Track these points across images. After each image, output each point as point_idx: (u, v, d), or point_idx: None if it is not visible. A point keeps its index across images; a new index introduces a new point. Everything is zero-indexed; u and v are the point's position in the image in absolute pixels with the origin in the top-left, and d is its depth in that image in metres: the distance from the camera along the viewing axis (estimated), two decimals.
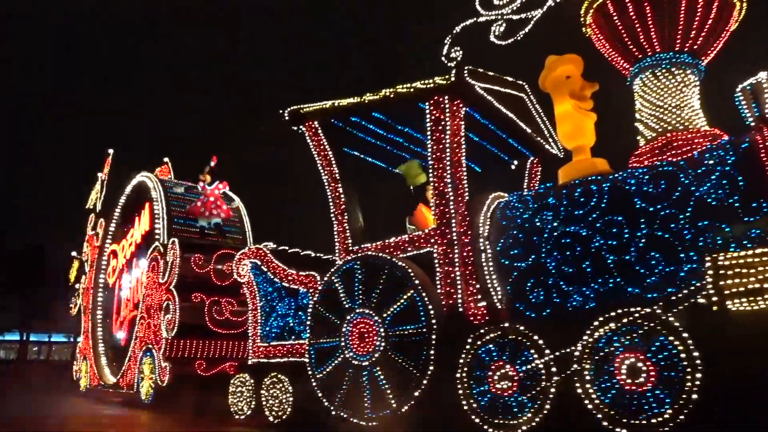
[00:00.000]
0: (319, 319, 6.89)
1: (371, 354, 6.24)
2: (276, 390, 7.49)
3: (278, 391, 7.46)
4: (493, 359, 5.49)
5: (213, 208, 11.95)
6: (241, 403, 8.04)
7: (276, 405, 7.44)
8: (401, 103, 7.14)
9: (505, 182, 9.09)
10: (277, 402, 7.44)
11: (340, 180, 7.74)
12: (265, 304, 8.58)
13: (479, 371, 5.53)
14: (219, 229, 12.39)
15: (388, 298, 6.27)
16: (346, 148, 8.38)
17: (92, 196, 17.85)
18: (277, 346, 8.15)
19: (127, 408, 11.89)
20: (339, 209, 7.65)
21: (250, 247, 9.07)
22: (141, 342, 11.85)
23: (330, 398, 6.55)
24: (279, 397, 7.43)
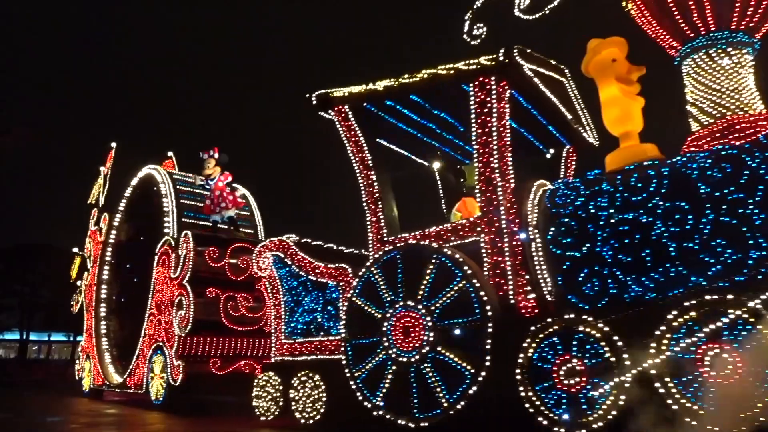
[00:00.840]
0: (357, 313, 6.45)
1: (418, 349, 5.81)
2: (307, 389, 7.03)
3: (309, 390, 7.00)
4: (558, 353, 5.12)
5: (221, 201, 11.46)
6: (266, 403, 7.58)
7: (307, 406, 6.97)
8: (443, 85, 6.75)
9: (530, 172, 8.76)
10: (308, 402, 6.98)
11: (373, 167, 7.32)
12: (290, 300, 8.14)
13: (542, 366, 5.16)
14: (232, 221, 11.88)
15: (437, 290, 5.85)
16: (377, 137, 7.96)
17: (94, 190, 17.29)
18: (304, 342, 7.71)
19: (136, 408, 11.41)
20: (372, 198, 7.23)
21: (271, 239, 8.60)
22: (151, 339, 11.34)
23: (371, 398, 6.11)
24: (310, 397, 6.97)
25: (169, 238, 11.43)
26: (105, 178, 16.75)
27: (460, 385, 5.50)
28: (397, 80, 7.04)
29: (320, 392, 6.86)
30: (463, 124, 7.88)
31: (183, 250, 10.56)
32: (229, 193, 11.60)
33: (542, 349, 5.21)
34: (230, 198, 11.53)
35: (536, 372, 5.18)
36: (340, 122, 7.56)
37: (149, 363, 11.22)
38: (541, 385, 5.14)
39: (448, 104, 7.31)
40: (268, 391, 7.59)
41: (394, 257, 6.23)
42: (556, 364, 5.12)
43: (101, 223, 15.72)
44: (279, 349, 8.03)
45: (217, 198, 11.38)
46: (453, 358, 5.60)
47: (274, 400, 7.47)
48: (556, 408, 5.03)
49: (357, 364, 6.30)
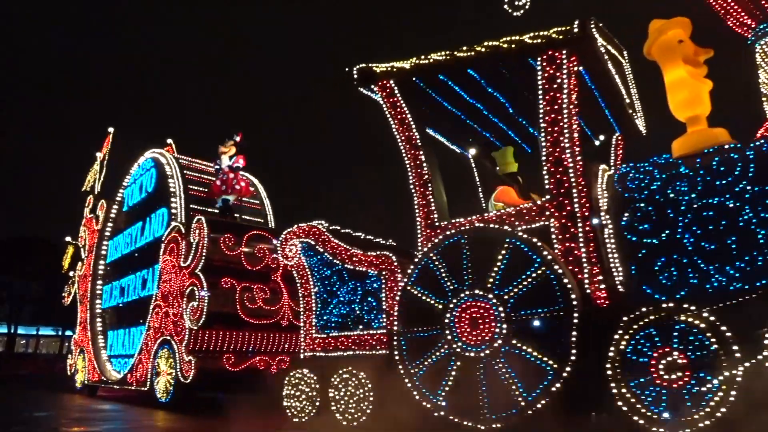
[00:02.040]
0: (413, 304, 5.82)
1: (489, 343, 5.21)
2: (350, 388, 6.36)
3: (353, 389, 6.33)
4: (656, 345, 4.59)
5: (234, 184, 10.76)
6: (300, 403, 6.89)
7: (351, 406, 6.31)
8: (507, 58, 6.19)
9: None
10: (352, 402, 6.31)
11: (422, 146, 6.73)
12: (322, 291, 7.48)
13: (637, 359, 4.62)
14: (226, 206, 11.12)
15: (510, 277, 5.25)
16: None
17: (89, 177, 16.43)
18: (339, 337, 7.06)
19: (137, 406, 10.64)
20: (420, 180, 6.62)
21: (299, 224, 7.93)
22: (156, 333, 10.57)
23: (431, 398, 5.49)
24: (354, 396, 6.31)
25: (177, 224, 10.68)
26: (102, 163, 15.92)
27: (540, 381, 4.91)
28: (454, 53, 6.47)
29: (366, 391, 6.20)
30: (514, 104, 7.36)
31: (195, 236, 9.82)
32: (241, 178, 10.90)
33: (637, 341, 4.68)
34: (242, 183, 10.83)
35: (630, 366, 4.65)
36: (384, 98, 6.96)
37: (154, 358, 10.45)
38: (636, 381, 4.61)
39: (504, 81, 6.77)
40: (302, 389, 6.90)
41: (458, 242, 5.62)
42: (653, 358, 4.59)
43: (98, 211, 14.88)
44: (310, 344, 7.37)
45: (231, 180, 10.67)
46: (531, 352, 5.01)
47: (310, 400, 6.78)
48: (654, 406, 4.51)
49: (413, 360, 5.66)
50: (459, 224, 6.13)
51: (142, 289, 12.26)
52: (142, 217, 12.91)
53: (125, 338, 12.66)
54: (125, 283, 13.14)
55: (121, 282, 13.35)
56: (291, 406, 6.96)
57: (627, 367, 4.66)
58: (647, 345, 4.65)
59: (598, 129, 7.95)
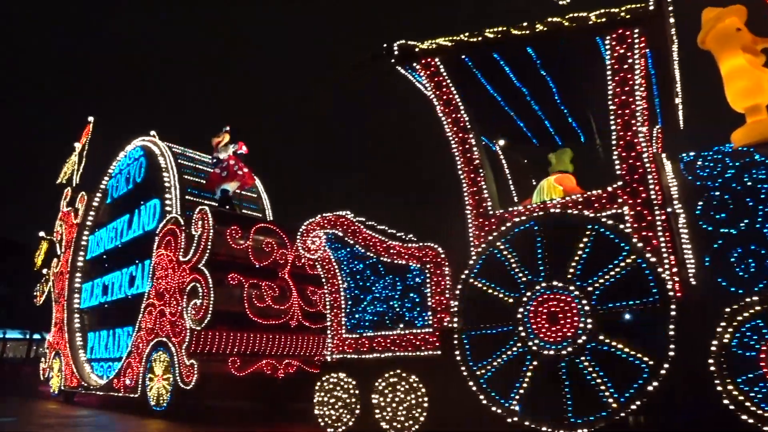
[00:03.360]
0: (476, 298, 5.23)
1: (571, 340, 4.65)
2: (399, 393, 5.70)
3: (403, 394, 5.67)
4: (765, 338, 4.16)
5: (237, 170, 9.98)
6: (336, 411, 6.19)
7: (400, 413, 5.64)
8: (572, 36, 5.71)
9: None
10: (401, 409, 5.65)
11: (471, 129, 6.18)
12: (353, 286, 6.82)
13: (743, 354, 4.18)
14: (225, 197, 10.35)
15: (594, 267, 4.73)
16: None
17: (66, 168, 15.34)
18: (376, 337, 6.40)
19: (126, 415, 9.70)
20: (471, 166, 6.06)
21: (324, 215, 7.26)
22: (149, 334, 9.67)
23: (502, 401, 4.90)
24: (404, 402, 5.64)
25: (175, 215, 9.84)
26: (81, 154, 14.86)
27: (633, 380, 4.39)
28: (510, 29, 5.96)
29: (419, 396, 5.55)
30: (562, 90, 6.88)
31: (198, 228, 8.99)
32: (243, 165, 10.13)
33: (743, 334, 4.23)
34: (245, 170, 10.06)
35: (736, 361, 4.20)
36: (428, 78, 6.38)
37: (147, 362, 9.55)
38: (743, 377, 4.15)
39: (559, 63, 6.29)
40: (338, 396, 6.20)
41: (530, 229, 5.06)
42: (762, 351, 4.15)
43: (78, 204, 13.81)
44: (339, 345, 6.68)
45: (232, 167, 9.88)
46: (622, 348, 4.48)
47: (348, 407, 6.09)
48: (766, 403, 4.05)
49: (479, 361, 5.06)
50: (512, 214, 5.58)
51: (129, 287, 11.31)
52: (129, 210, 11.97)
53: (109, 340, 11.66)
54: (109, 281, 12.14)
55: (104, 279, 12.34)
56: (324, 414, 6.26)
57: (732, 362, 4.21)
58: (754, 338, 4.22)
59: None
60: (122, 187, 12.64)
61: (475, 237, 5.79)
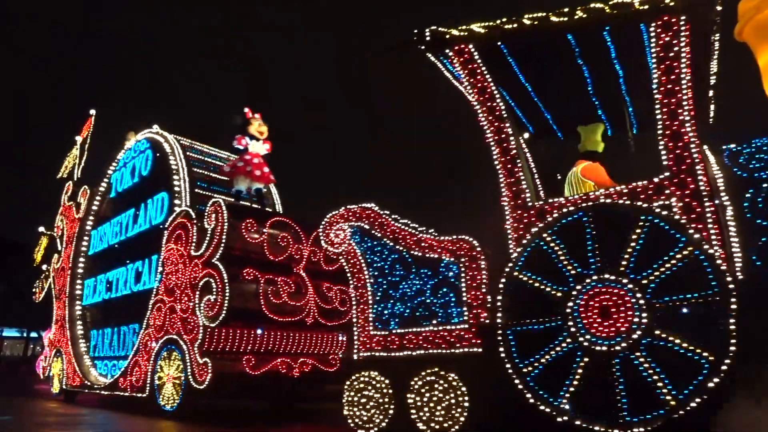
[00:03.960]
0: (521, 292, 5.02)
1: (625, 335, 4.45)
2: (437, 393, 5.47)
3: (441, 394, 5.44)
4: None
5: (264, 168, 9.67)
6: (368, 412, 5.94)
7: (438, 414, 5.41)
8: (613, 23, 5.52)
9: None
10: (439, 409, 5.41)
11: (508, 119, 5.97)
12: (381, 281, 6.59)
13: None
14: (259, 196, 10.13)
15: (649, 259, 4.53)
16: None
17: (67, 162, 14.98)
18: (407, 334, 6.16)
19: (132, 416, 9.40)
20: (507, 156, 5.84)
21: (348, 206, 7.02)
22: (158, 331, 9.37)
23: (551, 400, 4.69)
24: (442, 402, 5.41)
25: (186, 209, 9.55)
26: (82, 148, 14.51)
27: (693, 377, 4.20)
28: (549, 16, 5.75)
29: (459, 396, 5.33)
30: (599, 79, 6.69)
31: (212, 221, 8.72)
32: (265, 164, 9.84)
33: None
34: (265, 170, 9.77)
35: None
36: (462, 65, 6.16)
37: (156, 360, 9.25)
38: None
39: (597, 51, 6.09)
40: (369, 395, 5.96)
41: (579, 220, 4.85)
42: None
43: (79, 198, 13.47)
44: (367, 342, 6.45)
45: (256, 165, 9.59)
46: (680, 343, 4.28)
47: (381, 408, 5.85)
48: None
49: (525, 358, 4.85)
50: (553, 205, 5.38)
51: (135, 283, 11.01)
52: (134, 204, 11.67)
53: (114, 338, 11.35)
54: (114, 277, 11.82)
55: (108, 275, 12.02)
56: (354, 415, 6.01)
57: None
58: None
59: None
60: (127, 180, 12.32)
61: (514, 230, 5.58)
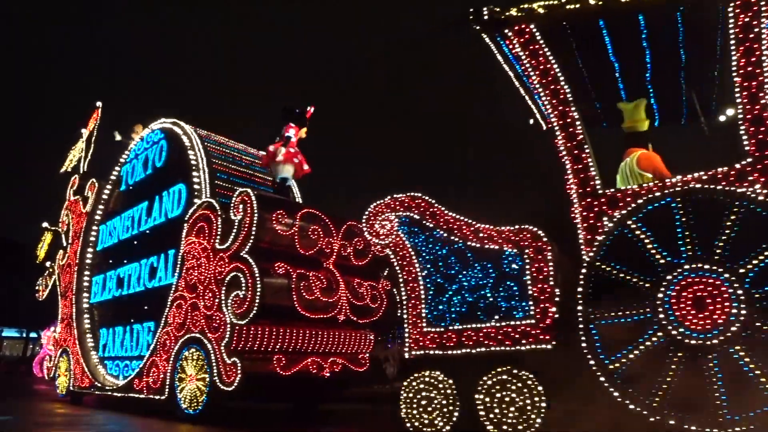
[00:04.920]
0: (604, 283, 4.75)
1: (723, 327, 4.20)
2: (509, 393, 5.17)
3: (514, 394, 5.15)
4: None
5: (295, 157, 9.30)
6: (429, 415, 5.62)
7: (510, 416, 5.11)
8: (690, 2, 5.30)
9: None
10: (512, 411, 5.12)
11: (573, 102, 5.73)
12: (435, 274, 6.30)
13: None
14: (283, 187, 9.73)
15: (747, 248, 4.28)
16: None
17: (71, 156, 14.51)
18: (465, 330, 5.87)
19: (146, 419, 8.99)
20: (574, 141, 5.60)
21: (394, 195, 6.72)
22: (178, 330, 8.96)
23: (640, 398, 4.42)
24: (515, 403, 5.11)
25: (209, 200, 9.16)
26: (88, 141, 14.05)
27: None
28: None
29: (534, 396, 5.04)
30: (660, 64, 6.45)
31: (239, 213, 8.34)
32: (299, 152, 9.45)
33: None
34: (300, 158, 9.39)
35: None
36: (522, 46, 5.90)
37: (176, 360, 8.85)
38: None
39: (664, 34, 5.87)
40: (430, 397, 5.65)
41: (667, 207, 4.60)
42: None
43: (87, 192, 13.00)
44: (420, 340, 6.13)
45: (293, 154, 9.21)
46: None
47: (444, 410, 5.54)
48: None
49: (611, 353, 4.58)
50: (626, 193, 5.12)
51: (150, 279, 10.57)
52: (148, 196, 11.22)
53: (126, 337, 10.89)
54: (125, 273, 11.37)
55: (119, 271, 11.56)
56: (415, 418, 5.69)
57: None
58: None
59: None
60: (139, 172, 11.87)
61: (583, 218, 5.32)
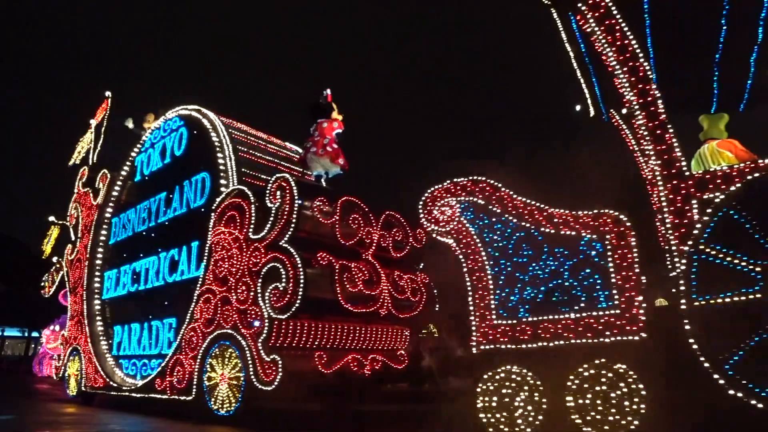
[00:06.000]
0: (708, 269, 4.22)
1: None
2: (604, 388, 4.60)
3: (609, 389, 4.58)
4: None
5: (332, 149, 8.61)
6: (510, 415, 5.03)
7: (608, 414, 4.54)
8: None
9: None
10: (607, 408, 4.55)
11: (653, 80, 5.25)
12: (503, 262, 5.73)
13: None
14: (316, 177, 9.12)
15: None
16: None
17: (80, 147, 13.82)
18: (541, 322, 5.32)
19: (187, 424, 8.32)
20: (656, 120, 5.21)
21: (456, 179, 6.13)
22: (206, 326, 8.30)
23: (756, 390, 3.88)
24: (610, 400, 4.55)
25: (240, 187, 8.52)
26: (97, 131, 13.36)
27: None
28: None
29: (633, 392, 4.48)
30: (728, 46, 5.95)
31: (277, 199, 7.71)
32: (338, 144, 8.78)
33: None
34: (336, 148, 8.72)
35: None
36: (597, 21, 5.42)
37: (204, 358, 8.18)
38: None
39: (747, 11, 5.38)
40: (511, 395, 5.06)
41: None
42: None
43: (98, 183, 12.30)
44: (489, 333, 5.57)
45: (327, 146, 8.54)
46: None
47: (529, 409, 4.96)
48: None
49: (721, 343, 4.06)
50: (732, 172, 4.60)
51: (170, 273, 9.89)
52: (167, 186, 10.55)
53: (144, 334, 10.21)
54: (141, 267, 10.68)
55: (135, 265, 10.87)
56: (492, 418, 5.09)
57: None
58: None
59: None
60: (156, 162, 11.19)
61: (669, 201, 4.83)
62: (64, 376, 11.90)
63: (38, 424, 7.92)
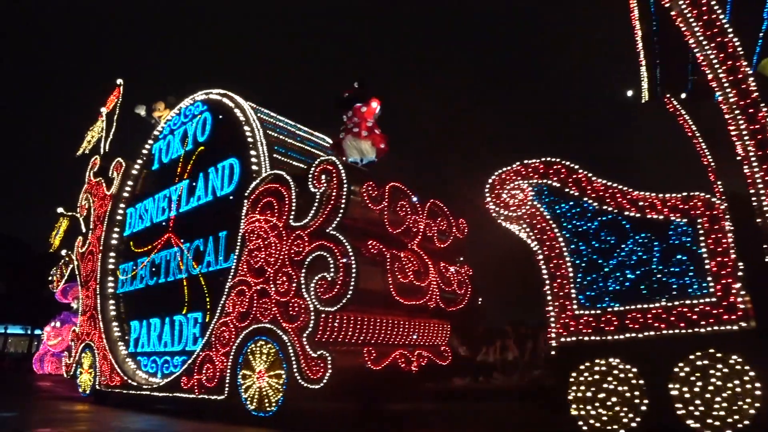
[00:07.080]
0: None
1: None
2: (715, 381, 4.23)
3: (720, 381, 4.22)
4: None
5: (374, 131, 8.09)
6: (608, 410, 4.62)
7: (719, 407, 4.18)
8: None
9: None
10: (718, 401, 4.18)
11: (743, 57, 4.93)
12: (583, 249, 5.32)
13: None
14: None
15: None
16: None
17: (89, 137, 13.23)
18: (628, 312, 4.95)
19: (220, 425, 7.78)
20: (748, 99, 4.98)
21: (525, 161, 5.70)
22: (240, 320, 7.77)
23: None
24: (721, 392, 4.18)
25: (277, 172, 8.00)
26: (109, 120, 12.77)
27: None
28: None
29: (747, 383, 4.13)
30: None
31: (322, 184, 7.20)
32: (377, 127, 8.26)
33: None
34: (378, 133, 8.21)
35: None
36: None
37: (238, 355, 7.66)
38: None
39: None
40: (611, 390, 4.66)
41: None
42: None
43: (112, 173, 11.70)
44: (570, 324, 5.18)
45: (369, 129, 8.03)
46: None
47: (630, 404, 4.56)
48: None
49: None
50: None
51: (195, 265, 9.34)
52: (189, 174, 10.00)
53: (165, 330, 9.63)
54: (161, 259, 10.12)
55: (154, 257, 10.30)
56: (589, 414, 4.67)
57: None
58: None
59: None
60: (175, 149, 10.63)
61: (766, 183, 4.48)
62: (76, 373, 11.28)
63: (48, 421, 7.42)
